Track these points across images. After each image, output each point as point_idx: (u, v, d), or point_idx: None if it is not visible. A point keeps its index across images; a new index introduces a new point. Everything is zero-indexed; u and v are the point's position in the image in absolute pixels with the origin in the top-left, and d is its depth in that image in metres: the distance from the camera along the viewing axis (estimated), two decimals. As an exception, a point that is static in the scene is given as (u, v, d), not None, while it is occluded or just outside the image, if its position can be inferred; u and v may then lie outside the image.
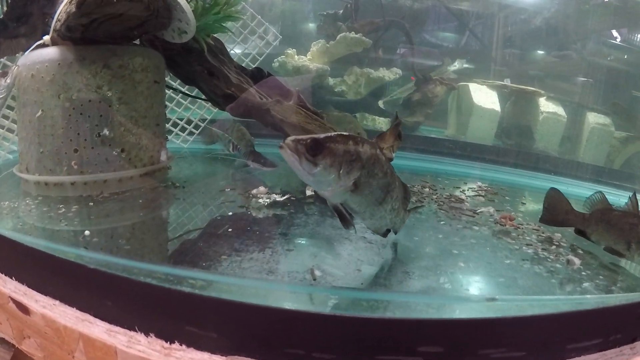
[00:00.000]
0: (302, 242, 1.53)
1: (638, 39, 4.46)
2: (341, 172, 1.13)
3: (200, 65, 2.24)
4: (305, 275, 1.26)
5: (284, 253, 1.43)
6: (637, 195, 1.75)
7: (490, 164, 3.47)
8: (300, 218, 1.73)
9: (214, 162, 2.68)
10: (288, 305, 1.13)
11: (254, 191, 1.91)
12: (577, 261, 1.59)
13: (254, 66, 2.76)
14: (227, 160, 2.60)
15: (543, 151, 4.11)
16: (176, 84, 2.75)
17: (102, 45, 1.97)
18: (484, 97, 4.16)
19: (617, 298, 1.42)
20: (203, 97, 2.54)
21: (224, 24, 2.23)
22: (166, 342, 1.02)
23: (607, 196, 1.83)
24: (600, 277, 1.52)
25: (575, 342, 1.11)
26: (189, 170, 2.43)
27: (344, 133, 1.19)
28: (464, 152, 3.43)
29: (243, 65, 2.56)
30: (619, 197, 2.96)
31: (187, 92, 2.75)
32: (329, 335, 0.96)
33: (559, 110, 4.24)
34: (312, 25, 4.79)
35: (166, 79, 2.66)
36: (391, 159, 2.03)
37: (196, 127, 2.94)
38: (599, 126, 4.19)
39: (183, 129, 2.92)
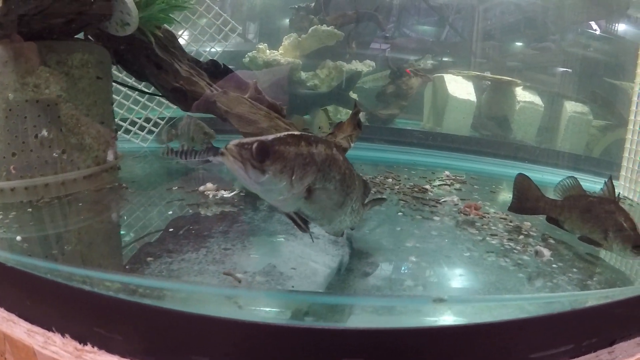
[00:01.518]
0: (243, 240, 1.43)
1: (616, 30, 4.43)
2: (293, 178, 0.99)
3: (148, 58, 2.12)
4: (236, 275, 1.16)
5: (219, 253, 1.33)
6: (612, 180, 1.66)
7: (465, 154, 3.39)
8: (247, 214, 1.64)
9: (170, 160, 2.57)
10: (207, 309, 1.03)
11: (201, 188, 1.81)
12: (546, 252, 1.49)
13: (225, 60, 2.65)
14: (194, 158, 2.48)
15: (520, 141, 4.04)
16: (132, 80, 2.64)
17: (39, 41, 1.86)
18: (460, 88, 4.08)
19: (593, 295, 1.34)
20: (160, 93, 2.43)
21: (171, 15, 2.12)
22: (80, 343, 0.99)
23: (587, 184, 1.74)
24: (574, 269, 1.43)
25: (541, 350, 1.01)
26: (141, 170, 2.33)
27: (295, 132, 1.05)
28: (435, 142, 3.34)
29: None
30: (599, 185, 2.93)
31: (143, 89, 2.64)
32: (236, 343, 0.87)
33: (536, 99, 4.17)
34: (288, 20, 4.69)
35: (121, 75, 2.57)
36: (347, 149, 1.94)
37: (156, 125, 2.82)
38: (577, 115, 4.13)
39: (142, 128, 2.80)
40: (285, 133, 1.03)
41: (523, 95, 4.17)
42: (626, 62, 3.48)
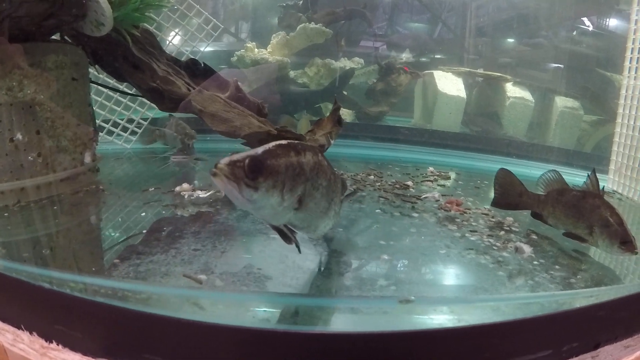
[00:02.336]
0: (214, 240, 1.40)
1: (607, 25, 4.43)
2: (284, 191, 0.95)
3: (125, 58, 2.09)
4: (196, 277, 1.13)
5: (188, 254, 1.30)
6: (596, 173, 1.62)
7: (454, 150, 3.36)
8: (221, 214, 1.61)
9: (152, 162, 2.54)
10: (168, 310, 1.00)
11: (177, 189, 1.78)
12: (527, 249, 1.45)
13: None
14: (167, 159, 2.46)
15: (511, 137, 4.02)
16: (115, 81, 2.61)
17: (11, 44, 1.83)
18: (449, 84, 4.05)
19: (576, 295, 1.28)
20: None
21: (147, 14, 2.09)
22: (45, 341, 1.00)
23: (578, 179, 1.70)
24: (557, 267, 1.39)
25: (516, 356, 0.96)
26: (121, 172, 2.30)
27: (283, 142, 1.01)
28: (422, 139, 3.31)
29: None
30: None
31: (125, 89, 2.61)
32: (193, 344, 0.85)
33: (526, 95, 4.14)
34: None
35: (102, 76, 2.55)
36: (328, 146, 1.92)
37: (139, 126, 2.80)
38: (568, 110, 4.10)
39: (125, 129, 2.77)
40: (274, 144, 0.98)
41: (513, 90, 4.14)
42: (616, 56, 3.47)
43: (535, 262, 1.39)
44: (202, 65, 2.31)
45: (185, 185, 1.79)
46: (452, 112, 3.97)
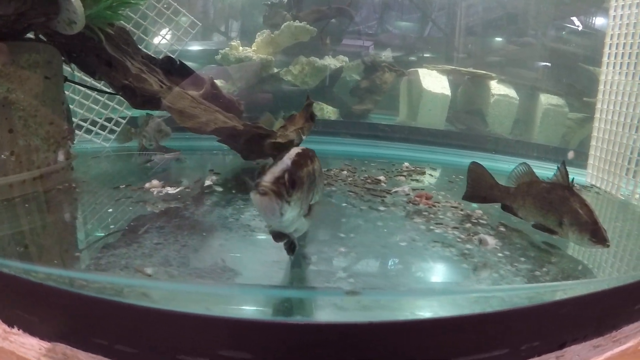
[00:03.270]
0: (177, 235, 1.40)
1: (594, 23, 4.48)
2: (303, 199, 0.95)
3: (98, 56, 2.09)
4: (145, 271, 1.14)
5: (150, 247, 1.31)
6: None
7: (437, 146, 3.36)
8: (188, 210, 1.61)
9: (129, 160, 2.53)
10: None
11: (147, 185, 1.79)
12: (491, 241, 1.44)
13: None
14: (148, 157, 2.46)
15: (495, 133, 4.03)
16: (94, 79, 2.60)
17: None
18: (434, 82, 4.06)
19: (539, 289, 1.25)
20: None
21: (120, 12, 2.09)
22: (8, 326, 1.03)
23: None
24: (523, 259, 1.38)
25: (466, 354, 0.90)
26: (96, 170, 2.29)
27: (299, 150, 0.99)
28: (402, 135, 3.32)
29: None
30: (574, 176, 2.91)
31: (103, 88, 2.61)
32: (131, 328, 0.87)
33: (511, 92, 4.16)
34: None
35: (80, 74, 2.54)
36: (299, 141, 1.92)
37: (118, 124, 2.79)
38: (552, 107, 4.12)
39: (104, 128, 2.77)
40: (295, 153, 0.97)
41: (498, 88, 4.15)
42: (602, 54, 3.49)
43: (499, 254, 1.38)
44: (178, 62, 2.32)
45: (154, 182, 1.79)
46: (437, 109, 3.97)
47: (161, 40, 2.67)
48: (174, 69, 2.29)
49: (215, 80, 3.93)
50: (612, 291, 1.13)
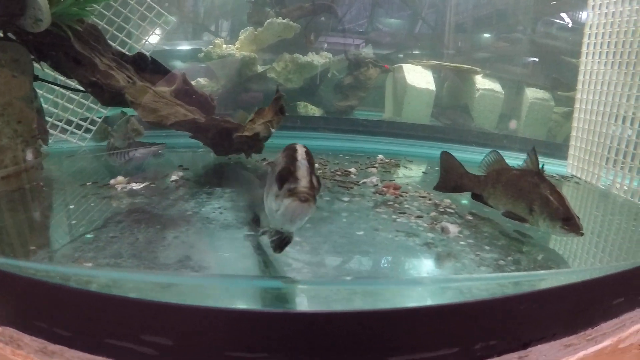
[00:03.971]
0: (132, 229, 1.37)
1: (580, 19, 4.51)
2: None
3: (66, 53, 2.06)
4: (111, 260, 1.12)
5: (104, 241, 1.28)
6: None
7: (421, 140, 3.34)
8: (150, 204, 1.59)
9: (103, 158, 2.50)
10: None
11: (112, 182, 1.76)
12: (453, 229, 1.40)
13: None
14: (118, 155, 2.42)
15: (479, 127, 4.01)
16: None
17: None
18: (418, 77, 4.04)
19: (498, 280, 1.16)
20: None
21: (87, 9, 2.06)
22: None
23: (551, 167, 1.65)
24: (487, 247, 1.33)
25: (406, 353, 0.83)
26: (67, 168, 2.26)
27: (302, 147, 0.98)
28: (379, 129, 3.30)
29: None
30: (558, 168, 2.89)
31: (78, 87, 2.58)
32: (65, 312, 0.87)
33: (496, 86, 4.14)
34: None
35: (53, 73, 2.51)
36: (268, 135, 1.90)
37: (94, 123, 2.76)
38: (538, 101, 4.10)
39: (79, 127, 2.73)
40: (304, 152, 0.96)
41: (482, 83, 4.13)
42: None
43: (462, 243, 1.35)
44: (150, 59, 2.29)
45: (119, 178, 1.76)
46: (422, 104, 3.95)
47: (134, 38, 2.63)
48: (145, 65, 2.26)
49: (199, 79, 3.97)
50: (588, 284, 1.07)
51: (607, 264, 1.49)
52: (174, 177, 1.81)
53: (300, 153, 0.95)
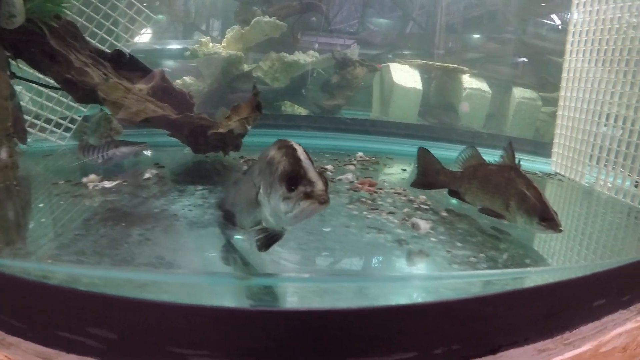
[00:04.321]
0: (98, 226, 1.34)
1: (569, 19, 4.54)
2: None
3: (42, 50, 2.02)
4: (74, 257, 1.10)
5: (69, 239, 1.25)
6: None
7: (405, 138, 3.32)
8: (121, 202, 1.56)
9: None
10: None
11: (84, 180, 1.73)
12: (424, 225, 1.37)
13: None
14: (95, 154, 2.38)
15: (467, 126, 4.00)
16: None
17: None
18: (405, 76, 4.02)
19: (460, 278, 1.12)
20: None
21: (63, 5, 2.03)
22: None
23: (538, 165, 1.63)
24: (460, 244, 1.30)
25: (359, 356, 0.77)
26: (43, 167, 2.22)
27: (297, 146, 0.98)
28: (363, 127, 3.28)
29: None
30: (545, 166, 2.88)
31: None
32: (24, 303, 0.86)
33: (483, 86, 4.13)
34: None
35: (31, 70, 2.47)
36: (244, 132, 1.87)
37: (74, 122, 2.72)
38: (526, 100, 4.10)
39: (58, 126, 2.69)
40: (302, 150, 0.95)
41: (470, 82, 4.12)
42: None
43: (433, 239, 1.32)
44: (128, 56, 2.25)
45: (92, 176, 1.73)
46: (409, 103, 3.94)
47: (115, 36, 2.59)
48: (123, 62, 2.22)
49: (185, 77, 3.94)
50: (565, 284, 1.01)
51: (591, 262, 1.45)
52: (147, 175, 1.78)
53: (301, 152, 0.94)
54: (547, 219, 1.33)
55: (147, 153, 2.14)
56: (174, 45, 4.44)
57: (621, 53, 2.29)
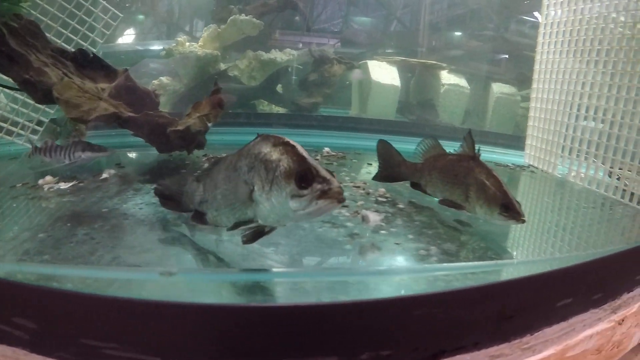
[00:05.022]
0: (48, 226, 1.30)
1: None
2: None
3: (0, 50, 1.98)
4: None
5: (18, 238, 1.22)
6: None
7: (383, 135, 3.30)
8: (74, 203, 1.52)
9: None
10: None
11: (40, 182, 1.69)
12: (373, 217, 1.33)
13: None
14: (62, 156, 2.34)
15: (447, 122, 3.99)
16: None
17: None
18: (383, 73, 4.00)
19: (396, 274, 1.04)
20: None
21: (21, 4, 1.98)
22: None
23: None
24: (410, 236, 1.25)
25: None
26: (9, 171, 2.17)
27: (295, 143, 0.97)
28: (335, 124, 3.26)
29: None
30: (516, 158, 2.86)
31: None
32: None
33: (461, 82, 4.12)
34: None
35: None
36: (205, 129, 1.83)
37: (41, 124, 2.66)
38: (504, 96, 4.10)
39: (25, 128, 2.63)
40: (302, 148, 0.95)
41: (448, 78, 4.12)
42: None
43: (383, 232, 1.27)
44: (91, 55, 2.21)
45: (48, 178, 1.69)
46: (387, 100, 3.92)
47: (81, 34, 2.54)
48: (87, 62, 2.18)
49: (162, 77, 3.90)
50: (520, 282, 0.92)
51: (560, 255, 1.39)
52: (105, 175, 1.75)
53: (301, 149, 0.94)
54: (508, 209, 1.29)
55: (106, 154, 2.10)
56: (157, 46, 4.40)
57: (591, 43, 2.29)
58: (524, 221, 1.29)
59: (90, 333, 0.72)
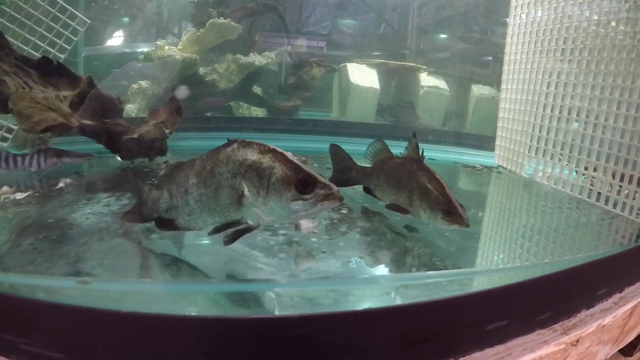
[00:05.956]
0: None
1: None
2: None
3: (-42, 58, 1.98)
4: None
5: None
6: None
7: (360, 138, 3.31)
8: (24, 213, 1.51)
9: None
10: None
11: (-4, 192, 1.69)
12: (305, 224, 1.30)
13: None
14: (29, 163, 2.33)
15: (427, 125, 4.00)
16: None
17: None
18: (362, 76, 4.01)
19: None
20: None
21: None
22: None
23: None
24: (342, 244, 1.22)
25: None
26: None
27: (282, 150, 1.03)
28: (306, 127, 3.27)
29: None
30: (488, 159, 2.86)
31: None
32: None
33: (441, 83, 4.13)
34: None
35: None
36: (162, 136, 1.83)
37: (10, 131, 2.67)
38: (484, 97, 4.11)
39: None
40: (292, 156, 1.02)
41: (427, 80, 4.12)
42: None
43: (313, 240, 1.24)
44: (55, 63, 2.21)
45: (4, 188, 1.69)
46: (366, 103, 3.93)
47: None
48: (50, 69, 2.18)
49: (141, 82, 3.90)
50: (431, 305, 0.78)
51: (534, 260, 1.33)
52: (60, 185, 1.74)
53: (292, 157, 1.01)
54: (451, 214, 1.27)
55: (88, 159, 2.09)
56: (145, 49, 4.40)
57: (557, 42, 2.30)
58: (467, 226, 1.27)
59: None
